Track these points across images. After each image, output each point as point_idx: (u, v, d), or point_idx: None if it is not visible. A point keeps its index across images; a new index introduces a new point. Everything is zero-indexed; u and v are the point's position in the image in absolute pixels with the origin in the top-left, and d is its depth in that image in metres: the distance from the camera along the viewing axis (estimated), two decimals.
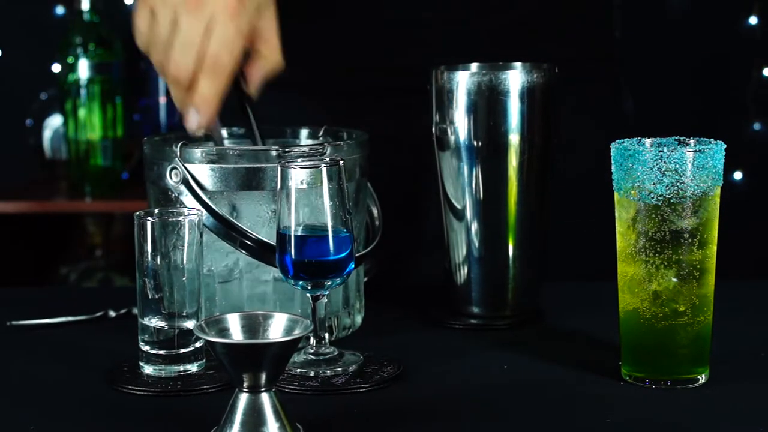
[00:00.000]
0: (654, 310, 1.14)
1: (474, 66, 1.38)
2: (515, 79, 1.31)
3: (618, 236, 1.16)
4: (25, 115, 2.64)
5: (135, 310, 1.23)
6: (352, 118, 1.42)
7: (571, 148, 1.50)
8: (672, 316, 1.13)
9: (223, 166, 1.24)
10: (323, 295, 1.18)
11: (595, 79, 1.60)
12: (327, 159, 1.21)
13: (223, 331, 1.03)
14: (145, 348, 1.18)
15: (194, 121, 1.26)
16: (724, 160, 1.14)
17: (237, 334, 1.03)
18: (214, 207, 1.23)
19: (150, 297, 1.18)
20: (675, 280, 1.13)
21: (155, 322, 1.18)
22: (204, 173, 1.24)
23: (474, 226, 1.34)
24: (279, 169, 1.16)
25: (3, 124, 2.69)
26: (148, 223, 1.17)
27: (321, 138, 1.38)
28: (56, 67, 2.53)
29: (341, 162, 1.16)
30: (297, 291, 1.24)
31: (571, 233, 1.53)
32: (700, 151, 1.12)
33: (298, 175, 1.15)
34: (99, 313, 1.38)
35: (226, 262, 1.25)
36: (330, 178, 1.15)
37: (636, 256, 1.14)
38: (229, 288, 1.25)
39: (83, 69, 2.47)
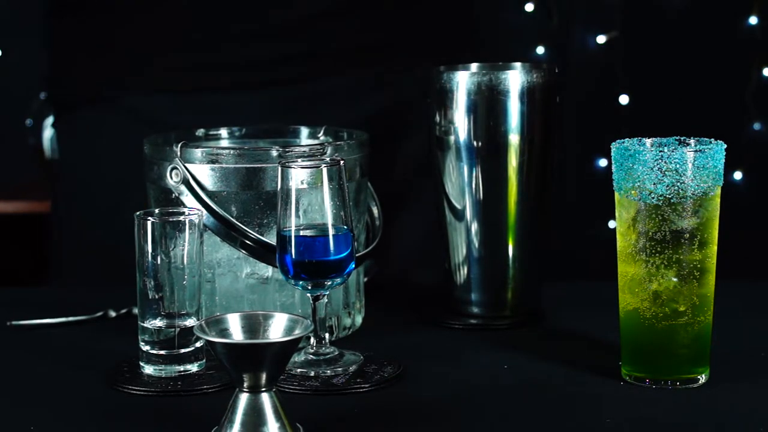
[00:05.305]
0: (654, 310, 1.14)
1: (474, 66, 1.38)
2: (515, 79, 1.31)
3: (618, 236, 1.16)
4: (25, 115, 2.64)
5: (135, 310, 1.23)
6: (352, 115, 1.42)
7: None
8: (672, 316, 1.13)
9: (223, 166, 1.24)
10: (323, 295, 1.18)
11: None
12: (327, 159, 1.21)
13: (224, 331, 1.03)
14: (145, 348, 1.18)
15: None
16: (724, 160, 1.14)
17: (237, 334, 1.03)
18: (214, 207, 1.23)
19: (150, 297, 1.17)
20: (675, 280, 1.13)
21: (155, 322, 1.18)
22: (204, 173, 1.24)
23: (474, 226, 1.34)
24: (279, 169, 1.16)
25: (3, 124, 2.69)
26: (148, 223, 1.17)
27: (321, 138, 1.38)
28: None
29: (342, 162, 1.16)
30: (297, 290, 1.24)
31: (571, 233, 1.53)
32: (700, 151, 1.11)
33: (298, 175, 1.15)
34: (99, 313, 1.38)
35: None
36: (330, 178, 1.15)
37: (636, 256, 1.14)
38: (230, 286, 1.26)
39: None
